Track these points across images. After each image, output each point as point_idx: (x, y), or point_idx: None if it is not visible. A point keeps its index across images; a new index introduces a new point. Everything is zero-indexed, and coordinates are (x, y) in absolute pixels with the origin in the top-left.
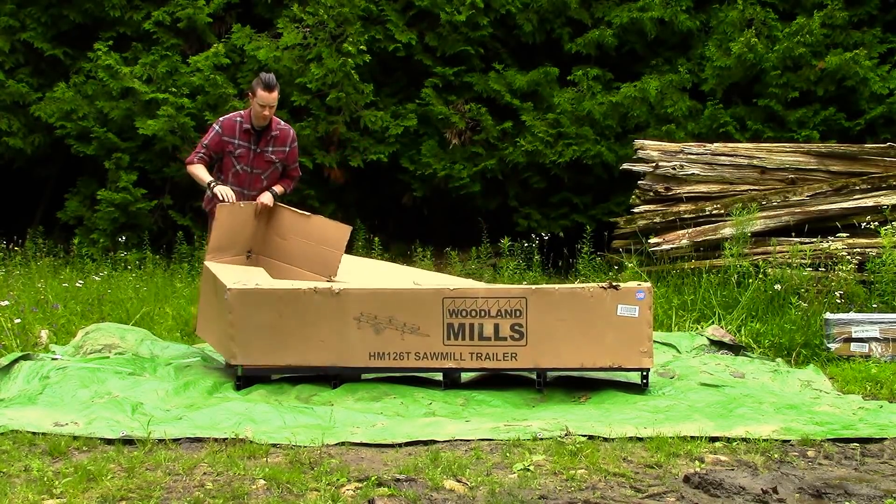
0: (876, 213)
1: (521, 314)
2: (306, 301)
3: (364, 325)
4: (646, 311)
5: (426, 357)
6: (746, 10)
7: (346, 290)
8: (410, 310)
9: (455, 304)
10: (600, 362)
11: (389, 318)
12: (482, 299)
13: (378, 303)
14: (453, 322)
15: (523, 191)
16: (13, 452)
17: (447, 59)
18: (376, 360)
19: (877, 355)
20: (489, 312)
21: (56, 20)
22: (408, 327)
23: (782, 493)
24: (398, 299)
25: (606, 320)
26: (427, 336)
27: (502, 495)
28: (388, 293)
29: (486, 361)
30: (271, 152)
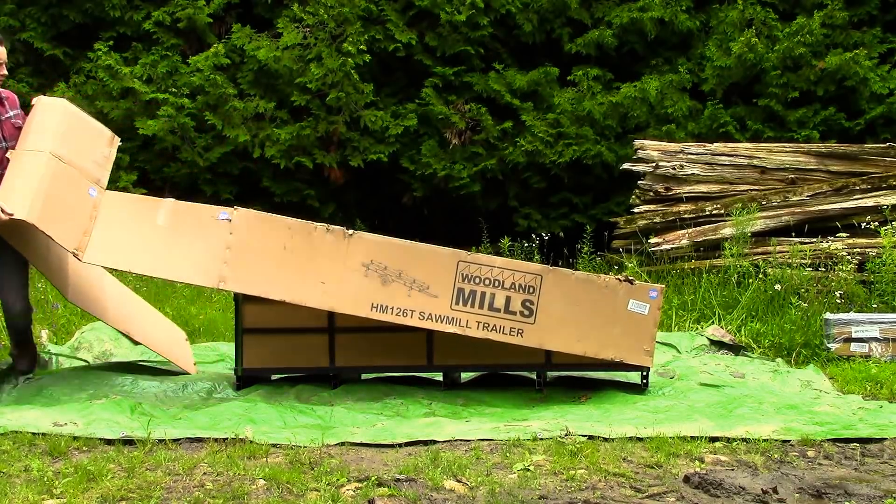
0: (876, 213)
1: (535, 291)
2: (316, 238)
3: (371, 274)
4: (655, 311)
5: (430, 318)
6: (746, 10)
7: (360, 234)
8: (423, 267)
9: (470, 270)
10: (603, 354)
11: (399, 272)
12: (497, 269)
13: (391, 253)
14: (464, 287)
15: (523, 191)
16: (13, 452)
17: (447, 59)
18: (378, 312)
19: (877, 355)
20: (503, 284)
21: (56, 20)
22: (417, 284)
23: (782, 493)
24: (413, 254)
25: (616, 313)
26: (435, 297)
27: (502, 495)
28: (403, 245)
29: (491, 333)
30: (14, 116)
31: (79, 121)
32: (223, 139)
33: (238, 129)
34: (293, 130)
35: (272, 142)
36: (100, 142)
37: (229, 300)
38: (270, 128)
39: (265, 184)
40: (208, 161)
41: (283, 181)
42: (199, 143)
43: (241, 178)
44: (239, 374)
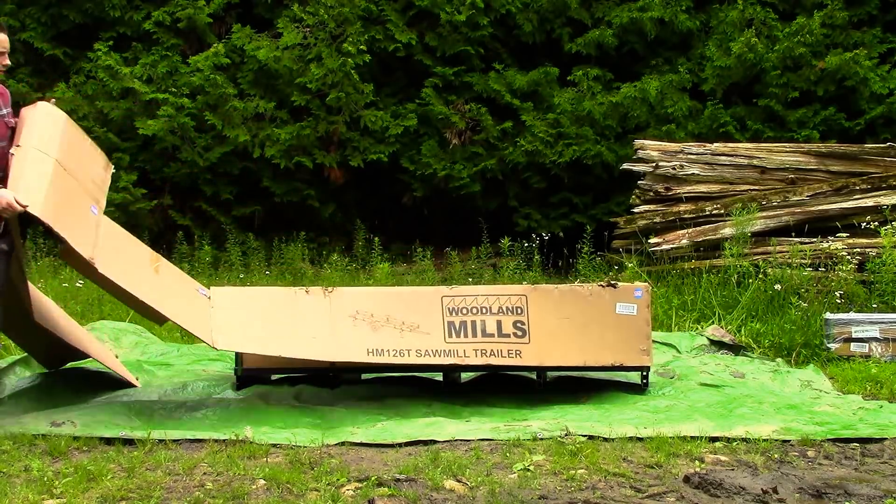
0: (876, 213)
1: (523, 311)
2: (299, 300)
3: (360, 323)
4: (644, 309)
5: (427, 354)
6: (746, 10)
7: (339, 290)
8: (409, 309)
9: (455, 303)
10: (602, 360)
11: (387, 317)
12: (482, 297)
13: (374, 301)
14: (454, 320)
15: (523, 191)
16: (13, 452)
17: (447, 59)
18: (374, 356)
19: (877, 355)
20: (490, 310)
21: (56, 20)
22: (406, 325)
23: (782, 493)
24: (396, 299)
25: (606, 319)
26: (427, 334)
27: (502, 495)
28: (385, 292)
29: (491, 358)
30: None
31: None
32: (223, 139)
33: (238, 129)
34: (293, 130)
35: (272, 142)
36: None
37: None
38: (270, 128)
39: (265, 184)
40: (208, 161)
41: (283, 181)
42: (199, 143)
43: (240, 178)
44: (239, 374)
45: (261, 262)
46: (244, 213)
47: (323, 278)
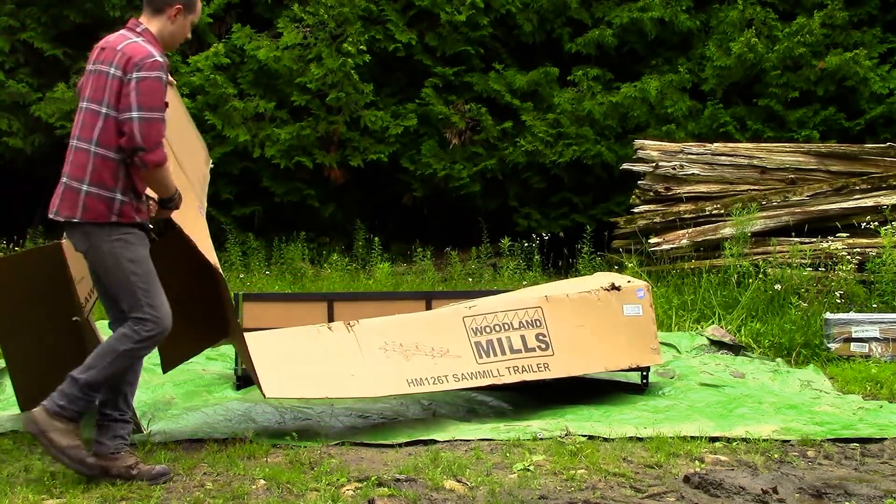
0: (876, 213)
1: (542, 324)
2: (324, 338)
3: (392, 354)
4: (648, 308)
5: (465, 377)
6: (746, 10)
7: (362, 323)
8: (435, 333)
9: (477, 322)
10: (622, 364)
11: (416, 345)
12: (501, 312)
13: (399, 330)
14: (480, 340)
15: (523, 191)
16: (13, 452)
17: (447, 59)
18: (415, 385)
19: (877, 355)
20: (512, 325)
21: (56, 20)
22: (436, 350)
23: (782, 493)
24: (419, 325)
25: (617, 322)
26: (459, 357)
27: (502, 495)
28: (408, 320)
29: (524, 374)
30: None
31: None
32: (223, 139)
33: (238, 129)
34: (293, 130)
35: (272, 142)
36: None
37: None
38: (270, 128)
39: (265, 184)
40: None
41: (283, 181)
42: None
43: (241, 178)
44: (239, 374)
45: (261, 262)
46: (244, 212)
47: (323, 278)
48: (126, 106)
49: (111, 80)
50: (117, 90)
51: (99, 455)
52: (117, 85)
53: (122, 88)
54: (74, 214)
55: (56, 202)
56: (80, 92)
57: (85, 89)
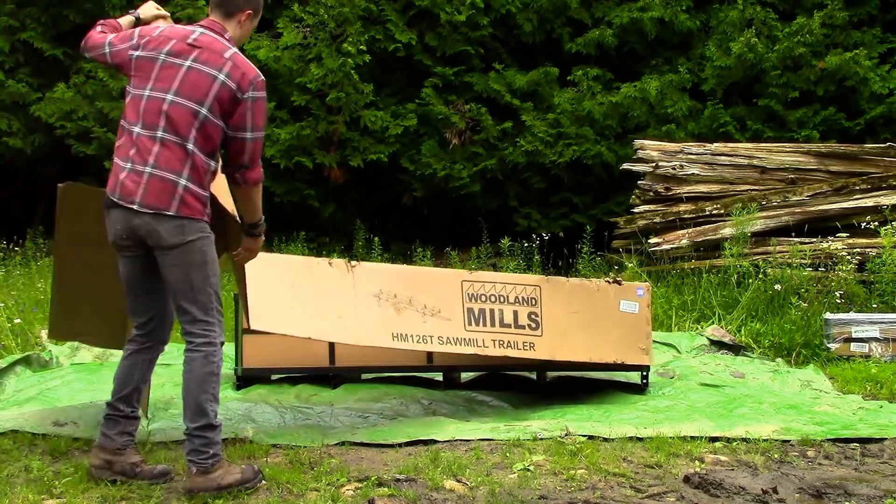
0: (876, 213)
1: (537, 303)
2: (320, 273)
3: (384, 304)
4: (645, 308)
5: (449, 342)
6: (746, 10)
7: (363, 265)
8: (431, 291)
9: (474, 289)
10: (607, 357)
11: (409, 299)
12: (500, 284)
13: (397, 280)
14: (473, 307)
15: (523, 191)
16: (13, 452)
17: (447, 59)
18: (399, 341)
19: (877, 355)
20: (507, 298)
21: (56, 20)
22: (429, 309)
23: (782, 493)
24: (418, 279)
25: (611, 316)
26: (449, 320)
27: (502, 495)
28: (407, 271)
29: (507, 350)
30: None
31: None
32: None
33: None
34: (293, 130)
35: (272, 141)
36: None
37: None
38: (270, 128)
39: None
40: None
41: (283, 181)
42: None
43: None
44: (239, 374)
45: None
46: None
47: None
48: (242, 125)
49: (219, 86)
50: (228, 102)
51: (104, 448)
52: (227, 96)
53: (237, 106)
54: (168, 207)
55: (134, 189)
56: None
57: (169, 81)
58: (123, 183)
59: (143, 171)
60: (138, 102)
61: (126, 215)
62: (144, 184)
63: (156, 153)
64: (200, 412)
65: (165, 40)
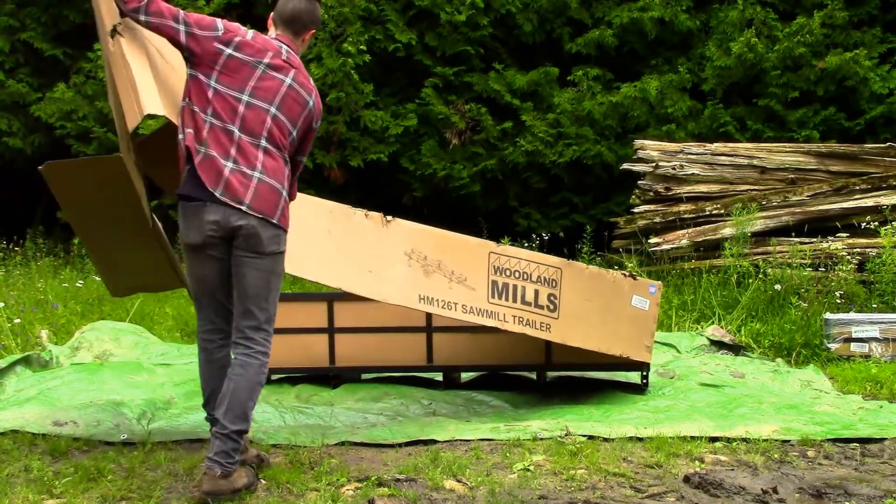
0: (876, 213)
1: (556, 285)
2: (357, 223)
3: (414, 264)
4: (654, 306)
5: (472, 312)
6: (746, 10)
7: (398, 221)
8: (459, 258)
9: (500, 262)
10: (614, 350)
11: (438, 262)
12: (525, 261)
13: (429, 242)
14: (497, 280)
15: (523, 191)
16: (13, 452)
17: (447, 59)
18: (425, 304)
19: (877, 355)
20: (530, 276)
21: (56, 20)
22: (455, 276)
23: (782, 493)
24: (448, 244)
25: (623, 309)
26: (473, 290)
27: (502, 495)
28: (439, 234)
29: (526, 328)
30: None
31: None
32: None
33: None
34: None
35: None
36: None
37: None
38: None
39: None
40: None
41: None
42: None
43: None
44: None
45: None
46: None
47: None
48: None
49: (307, 112)
50: (306, 127)
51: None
52: (309, 122)
53: (308, 133)
54: (273, 215)
55: (243, 191)
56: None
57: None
58: (229, 181)
59: (252, 175)
60: (233, 104)
61: (228, 213)
62: (254, 188)
63: (262, 161)
64: (243, 418)
65: (263, 51)
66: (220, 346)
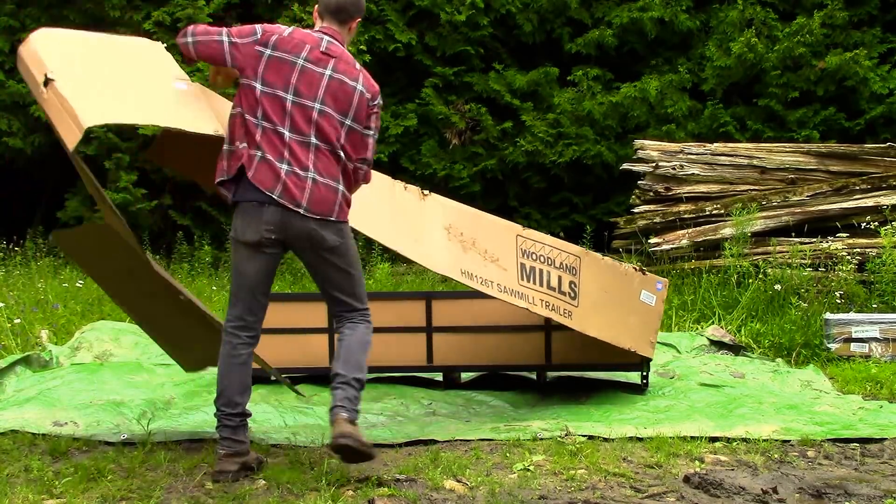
0: (876, 213)
1: (576, 273)
2: (398, 195)
3: (453, 239)
4: (660, 303)
5: (506, 292)
6: (746, 10)
7: (434, 196)
8: (490, 237)
9: (527, 245)
10: (624, 343)
11: (473, 241)
12: (548, 247)
13: (463, 219)
14: (525, 263)
15: (523, 191)
16: (13, 452)
17: (447, 59)
18: (466, 278)
19: (877, 355)
20: (554, 262)
21: (56, 20)
22: (489, 255)
23: (782, 493)
24: (480, 223)
25: (632, 302)
26: (505, 270)
27: (502, 495)
28: (471, 213)
29: (552, 312)
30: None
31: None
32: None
33: None
34: None
35: None
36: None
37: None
38: None
39: None
40: None
41: None
42: None
43: None
44: None
45: None
46: None
47: None
48: (370, 126)
49: (359, 97)
50: (365, 110)
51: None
52: (365, 104)
53: (369, 110)
54: (332, 213)
55: (300, 194)
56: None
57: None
58: (286, 184)
59: (307, 177)
60: (281, 104)
61: (286, 215)
62: (309, 189)
63: (313, 160)
64: (359, 368)
65: (300, 45)
66: (244, 342)
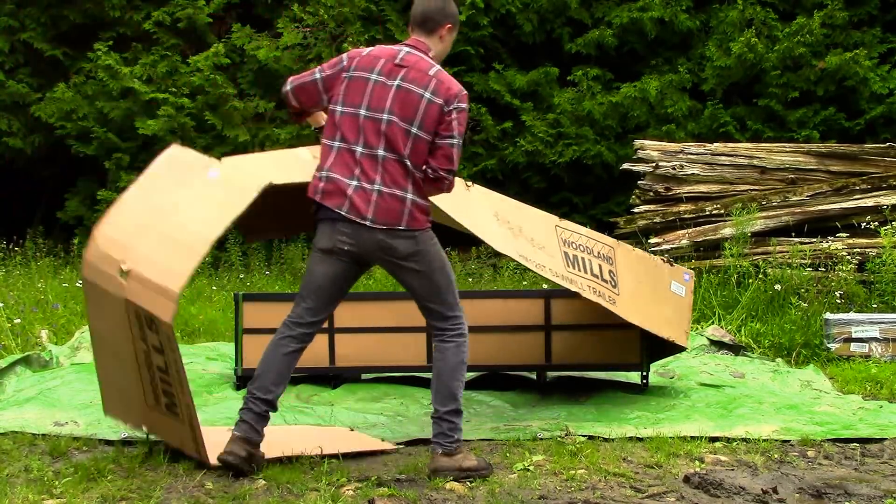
0: (876, 213)
1: (613, 262)
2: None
3: (503, 224)
4: (689, 294)
5: (558, 276)
6: (746, 10)
7: (476, 187)
8: (534, 226)
9: (565, 235)
10: (664, 332)
11: (520, 228)
12: (584, 237)
13: (507, 209)
14: (568, 252)
15: (523, 191)
16: (13, 452)
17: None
18: (524, 261)
19: (877, 355)
20: (592, 251)
21: (56, 20)
22: (536, 243)
23: (782, 493)
24: (523, 212)
25: (665, 293)
26: (553, 257)
27: (502, 495)
28: (513, 203)
29: (599, 298)
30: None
31: None
32: (223, 139)
33: (238, 129)
34: (293, 130)
35: (272, 142)
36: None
37: (229, 300)
38: (270, 128)
39: None
40: None
41: None
42: (199, 142)
43: None
44: (239, 374)
45: (261, 262)
46: None
47: None
48: (450, 132)
49: (427, 104)
50: (436, 117)
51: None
52: (436, 111)
53: (443, 116)
54: (399, 222)
55: (365, 207)
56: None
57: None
58: (352, 199)
59: (372, 190)
60: (355, 121)
61: (356, 229)
62: (374, 201)
63: (381, 172)
64: (451, 397)
65: (375, 60)
66: (295, 338)
